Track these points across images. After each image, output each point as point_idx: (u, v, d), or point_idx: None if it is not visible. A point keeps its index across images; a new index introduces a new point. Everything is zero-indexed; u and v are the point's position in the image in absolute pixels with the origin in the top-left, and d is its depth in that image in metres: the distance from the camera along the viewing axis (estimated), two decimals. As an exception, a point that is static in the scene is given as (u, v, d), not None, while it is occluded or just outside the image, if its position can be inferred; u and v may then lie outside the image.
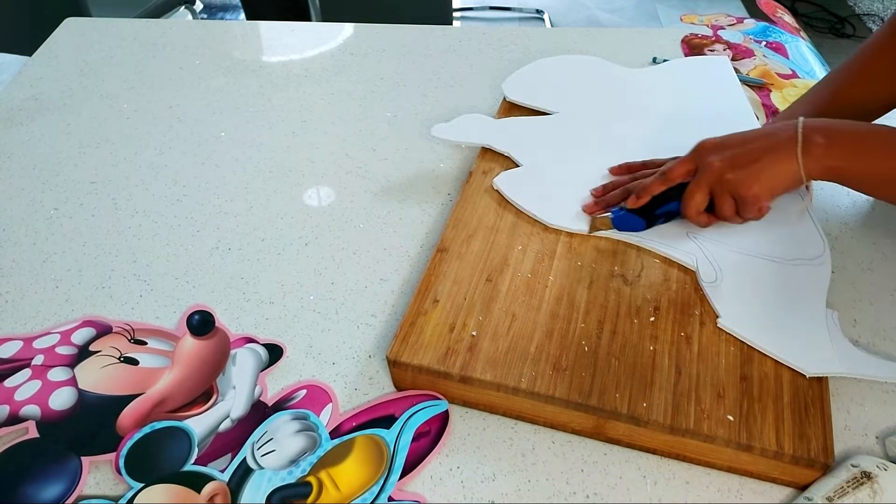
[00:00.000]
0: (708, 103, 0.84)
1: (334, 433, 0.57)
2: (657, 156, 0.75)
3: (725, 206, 0.62)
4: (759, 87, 0.94)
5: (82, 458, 0.56)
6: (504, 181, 0.74)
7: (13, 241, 0.76)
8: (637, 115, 0.83)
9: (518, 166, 0.76)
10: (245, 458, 0.55)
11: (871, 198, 0.78)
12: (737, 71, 0.96)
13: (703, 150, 0.63)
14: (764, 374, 0.56)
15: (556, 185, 0.74)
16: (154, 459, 0.56)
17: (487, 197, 0.72)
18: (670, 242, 0.67)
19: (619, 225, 0.67)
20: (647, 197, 0.65)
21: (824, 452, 0.51)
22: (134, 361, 0.63)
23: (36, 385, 0.61)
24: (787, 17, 1.13)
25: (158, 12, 1.82)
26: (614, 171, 0.74)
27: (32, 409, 0.59)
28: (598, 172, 0.75)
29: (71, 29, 1.12)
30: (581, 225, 0.69)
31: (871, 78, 0.65)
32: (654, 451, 0.55)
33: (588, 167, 0.76)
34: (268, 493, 0.53)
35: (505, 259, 0.65)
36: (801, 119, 0.58)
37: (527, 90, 0.87)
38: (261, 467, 0.55)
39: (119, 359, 0.63)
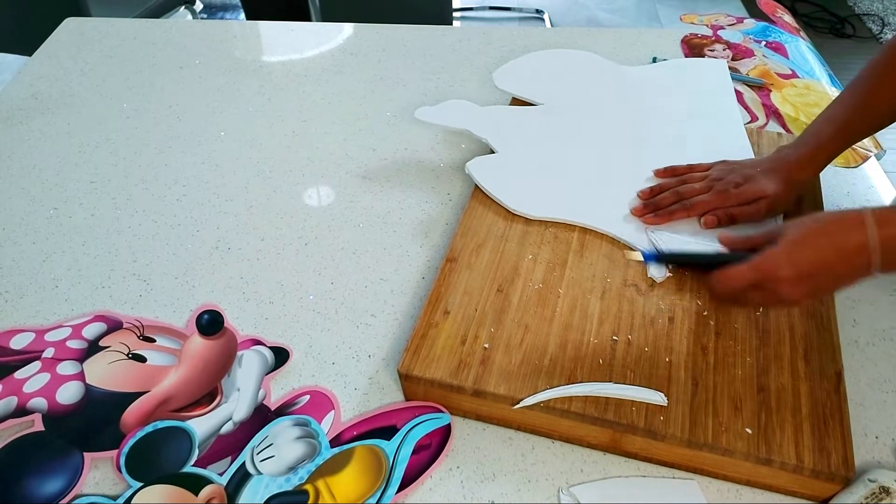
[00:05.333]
0: (697, 104, 0.85)
1: (335, 441, 0.57)
2: (639, 151, 0.76)
3: (756, 299, 0.55)
4: (758, 87, 0.94)
5: (84, 453, 0.56)
6: (476, 166, 0.75)
7: (13, 241, 0.76)
8: (623, 110, 0.84)
9: (494, 153, 0.78)
10: (244, 463, 0.55)
11: (869, 198, 0.78)
12: (736, 71, 0.97)
13: (777, 269, 0.52)
14: (781, 386, 0.55)
15: (529, 174, 0.75)
16: (154, 459, 0.56)
17: (496, 206, 0.71)
18: (630, 231, 0.68)
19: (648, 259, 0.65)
20: (699, 210, 0.67)
21: (845, 465, 0.50)
22: (142, 358, 0.63)
23: (45, 378, 0.61)
24: (787, 17, 1.13)
25: (158, 12, 1.82)
26: (660, 174, 0.74)
27: (40, 402, 0.59)
28: (575, 164, 0.76)
29: (71, 29, 1.12)
30: (545, 213, 0.70)
31: None
32: (671, 465, 0.55)
33: (564, 158, 0.77)
34: (265, 500, 0.53)
35: (515, 269, 0.65)
36: (869, 212, 0.50)
37: (517, 80, 0.87)
38: (259, 472, 0.55)
39: (127, 355, 0.63)
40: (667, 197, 0.70)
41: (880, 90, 0.65)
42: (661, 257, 0.65)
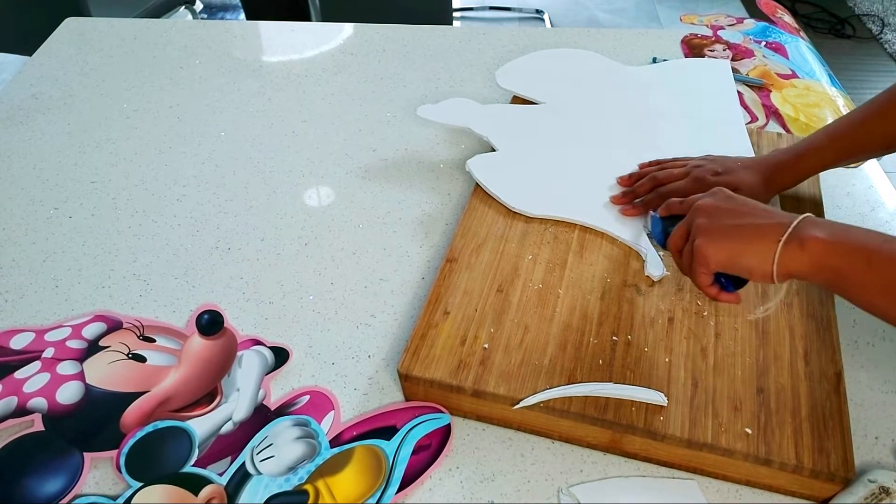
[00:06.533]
0: (700, 105, 0.84)
1: (334, 442, 0.57)
2: (640, 151, 0.76)
3: (685, 255, 0.55)
4: (758, 87, 0.94)
5: (84, 454, 0.56)
6: (477, 164, 0.75)
7: (13, 241, 0.76)
8: (625, 111, 0.83)
9: (495, 151, 0.78)
10: (244, 463, 0.55)
11: (869, 198, 0.78)
12: (736, 71, 0.97)
13: (700, 201, 0.56)
14: (781, 386, 0.55)
15: (529, 172, 0.75)
16: (154, 459, 0.56)
17: (496, 206, 0.71)
18: (629, 230, 0.68)
19: (653, 227, 0.64)
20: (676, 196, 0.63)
21: (844, 466, 0.50)
22: (141, 358, 0.63)
23: (45, 378, 0.61)
24: (787, 18, 1.13)
25: (158, 12, 1.82)
26: (645, 167, 0.75)
27: (39, 402, 0.59)
28: (576, 163, 0.76)
29: (71, 29, 1.12)
30: (544, 211, 0.69)
31: None
32: (671, 465, 0.55)
33: (564, 157, 0.77)
34: (265, 500, 0.53)
35: (515, 269, 0.65)
36: (806, 215, 0.50)
37: (520, 79, 0.87)
38: (259, 473, 0.55)
39: (127, 355, 0.63)
40: (644, 183, 0.71)
41: (884, 114, 0.64)
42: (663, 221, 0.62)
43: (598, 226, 0.68)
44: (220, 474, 0.55)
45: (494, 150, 0.78)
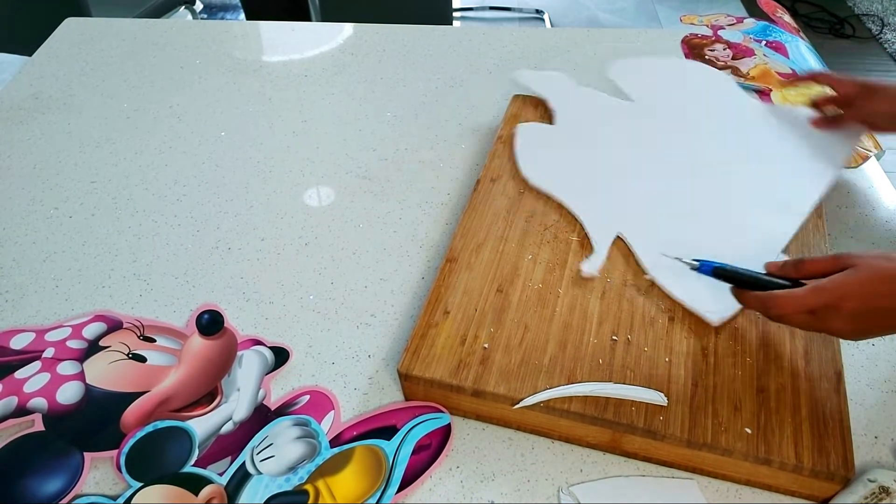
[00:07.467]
0: (800, 158, 0.74)
1: (335, 441, 0.57)
2: (697, 185, 0.70)
3: (797, 318, 0.51)
4: (759, 92, 0.94)
5: (84, 453, 0.56)
6: (524, 129, 0.77)
7: (13, 241, 0.76)
8: (718, 143, 0.76)
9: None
10: (244, 463, 0.55)
11: (869, 197, 0.78)
12: (737, 70, 0.97)
13: (843, 299, 0.49)
14: (781, 386, 0.55)
15: (564, 154, 0.75)
16: (155, 459, 0.56)
17: (496, 205, 0.71)
18: (641, 241, 0.67)
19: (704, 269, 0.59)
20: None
21: (844, 465, 0.50)
22: (142, 358, 0.63)
23: (45, 378, 0.61)
24: (787, 18, 1.13)
25: (158, 12, 1.82)
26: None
27: (40, 402, 0.59)
28: (619, 167, 0.74)
29: (71, 29, 1.12)
30: (553, 191, 0.70)
31: None
32: (671, 465, 0.55)
33: (614, 158, 0.75)
34: (265, 500, 0.53)
35: (515, 269, 0.65)
36: None
37: (625, 75, 0.88)
38: (259, 472, 0.55)
39: (127, 355, 0.63)
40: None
41: None
42: (716, 270, 0.57)
43: (598, 233, 0.68)
44: (221, 474, 0.55)
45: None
